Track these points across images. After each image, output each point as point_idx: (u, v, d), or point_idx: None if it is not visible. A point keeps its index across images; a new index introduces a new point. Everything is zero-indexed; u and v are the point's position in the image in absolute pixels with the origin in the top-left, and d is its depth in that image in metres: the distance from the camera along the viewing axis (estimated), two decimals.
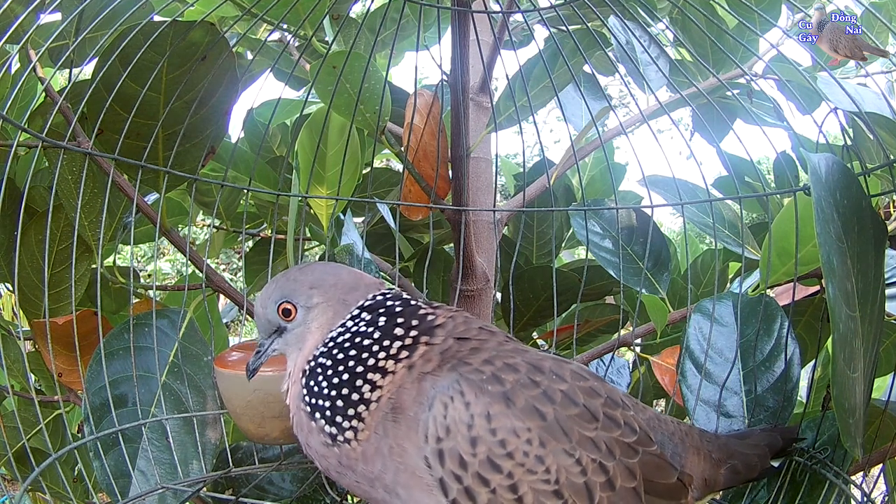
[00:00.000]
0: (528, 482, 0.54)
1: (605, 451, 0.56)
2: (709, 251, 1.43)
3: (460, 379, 0.56)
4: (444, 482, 0.54)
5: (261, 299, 0.66)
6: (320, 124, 1.09)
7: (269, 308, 0.65)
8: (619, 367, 1.19)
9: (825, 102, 0.83)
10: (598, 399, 0.58)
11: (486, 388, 0.55)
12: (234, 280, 4.30)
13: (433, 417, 0.55)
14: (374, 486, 0.58)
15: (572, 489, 0.54)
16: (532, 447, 0.54)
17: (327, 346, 0.61)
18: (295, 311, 0.63)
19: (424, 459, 0.54)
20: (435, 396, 0.55)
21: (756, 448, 0.70)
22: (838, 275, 0.60)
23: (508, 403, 0.55)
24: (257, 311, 0.66)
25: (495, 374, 0.56)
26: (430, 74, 8.07)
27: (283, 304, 0.64)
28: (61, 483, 1.01)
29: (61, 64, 0.90)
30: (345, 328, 0.61)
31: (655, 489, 0.58)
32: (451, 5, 0.83)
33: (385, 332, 0.60)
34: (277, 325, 0.65)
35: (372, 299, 0.62)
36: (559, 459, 0.54)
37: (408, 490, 0.56)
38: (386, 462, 0.56)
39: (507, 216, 1.28)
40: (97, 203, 1.00)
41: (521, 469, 0.54)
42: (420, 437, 0.55)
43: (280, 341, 0.65)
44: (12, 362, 1.09)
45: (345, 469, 0.59)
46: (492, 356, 0.58)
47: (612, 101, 1.16)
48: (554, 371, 0.59)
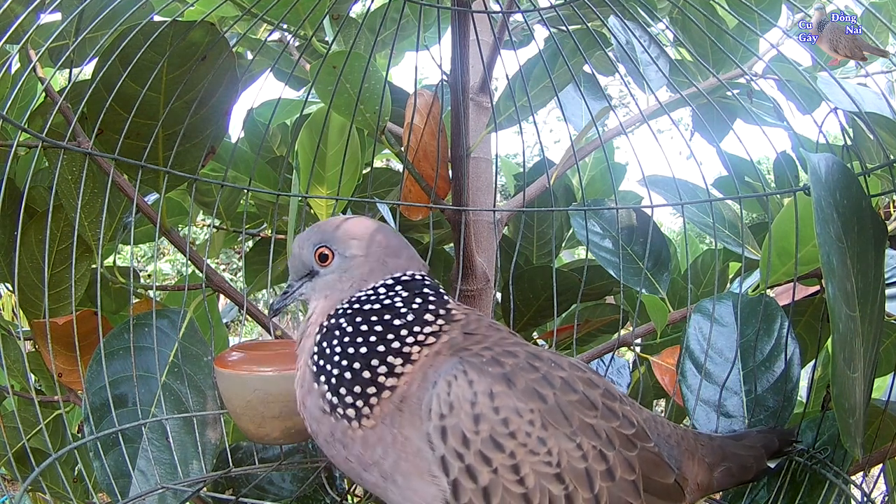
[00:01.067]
0: (531, 463, 0.53)
1: (605, 439, 0.56)
2: (709, 251, 1.43)
3: (462, 361, 0.56)
4: (446, 460, 0.53)
5: (299, 240, 0.65)
6: (320, 124, 1.09)
7: (306, 249, 0.64)
8: (619, 367, 1.19)
9: (825, 102, 0.83)
10: (596, 389, 0.59)
11: (487, 369, 0.55)
12: (234, 280, 4.30)
13: (436, 395, 0.54)
14: (369, 470, 0.57)
15: (573, 474, 0.54)
16: (534, 428, 0.54)
17: (352, 308, 0.60)
18: (332, 256, 0.62)
19: (427, 437, 0.54)
20: (438, 377, 0.55)
21: (752, 450, 0.70)
22: (838, 275, 0.60)
23: (510, 384, 0.55)
24: (294, 252, 0.65)
25: (495, 358, 0.56)
26: (430, 74, 8.08)
27: (321, 248, 0.63)
28: (61, 483, 1.01)
29: (61, 64, 0.90)
30: (375, 295, 0.60)
31: (654, 488, 0.58)
32: (451, 5, 0.83)
33: (418, 317, 0.59)
34: (311, 268, 0.64)
35: (411, 277, 0.62)
36: (561, 443, 0.54)
37: (406, 478, 0.55)
38: (387, 450, 0.55)
39: (507, 216, 1.28)
40: (97, 203, 1.00)
41: (523, 449, 0.53)
42: (423, 415, 0.54)
43: (309, 286, 0.64)
44: (12, 362, 1.09)
45: (335, 442, 0.58)
46: (491, 344, 0.58)
47: (612, 101, 1.16)
48: (552, 359, 0.59)
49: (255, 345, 0.83)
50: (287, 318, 3.66)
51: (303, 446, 0.93)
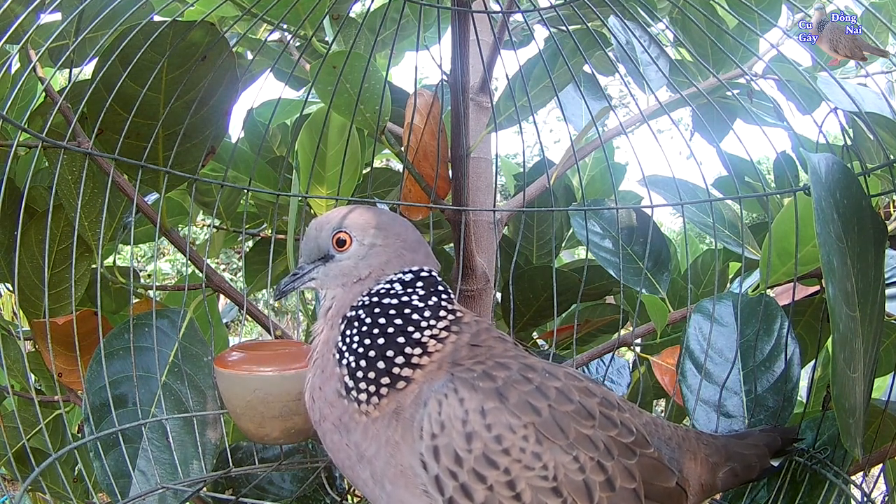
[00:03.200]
0: (526, 478, 0.53)
1: (602, 449, 0.56)
2: (709, 251, 1.43)
3: (453, 378, 0.56)
4: (440, 479, 0.53)
5: (317, 222, 0.64)
6: (320, 124, 1.09)
7: (325, 232, 0.63)
8: (619, 367, 1.19)
9: (825, 102, 0.83)
10: (593, 398, 0.58)
11: (478, 384, 0.55)
12: (234, 280, 4.30)
13: (428, 415, 0.54)
14: (362, 464, 0.57)
15: (571, 487, 0.54)
16: (528, 443, 0.54)
17: (371, 301, 0.60)
18: (350, 242, 0.62)
19: (420, 457, 0.54)
20: (430, 395, 0.55)
21: (755, 448, 0.69)
22: (838, 275, 0.60)
23: (502, 399, 0.54)
24: (309, 233, 0.64)
25: (486, 372, 0.56)
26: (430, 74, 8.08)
27: (339, 233, 0.62)
28: (61, 483, 1.01)
29: (61, 64, 0.90)
30: (393, 291, 0.60)
31: (655, 492, 0.58)
32: (451, 5, 0.83)
33: (433, 313, 0.59)
34: (326, 252, 0.63)
35: (429, 273, 0.62)
36: (556, 456, 0.54)
37: (394, 486, 0.55)
38: (380, 450, 0.56)
39: (507, 216, 1.28)
40: (97, 203, 1.00)
41: (518, 465, 0.53)
42: (415, 435, 0.55)
43: (322, 270, 0.63)
44: (12, 362, 1.09)
45: (342, 426, 0.58)
46: (484, 357, 0.58)
47: (612, 101, 1.16)
48: (547, 370, 0.59)
49: (255, 345, 0.83)
50: (287, 318, 3.65)
51: (303, 446, 0.93)
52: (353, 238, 0.62)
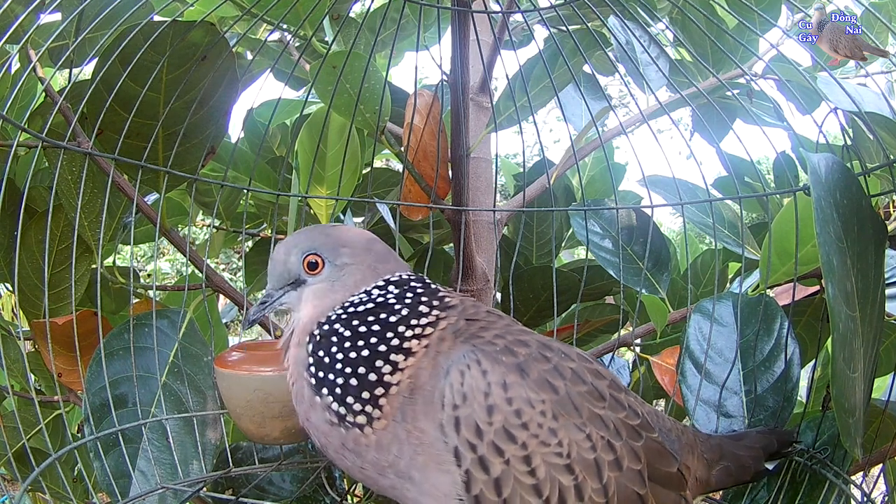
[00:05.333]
0: (542, 454, 0.53)
1: (612, 429, 0.56)
2: (709, 251, 1.43)
3: (475, 349, 0.55)
4: (459, 451, 0.53)
5: (284, 246, 0.62)
6: (320, 124, 1.09)
7: (293, 257, 0.61)
8: (619, 368, 1.19)
9: (825, 102, 0.83)
10: (603, 381, 0.59)
11: (501, 358, 0.55)
12: (234, 280, 4.30)
13: (450, 385, 0.54)
14: (384, 474, 0.56)
15: (583, 465, 0.54)
16: (546, 419, 0.54)
17: (347, 313, 0.58)
18: (322, 265, 0.60)
19: (440, 427, 0.53)
20: (451, 366, 0.54)
21: (750, 450, 0.70)
22: (838, 275, 0.60)
23: (523, 374, 0.54)
24: (276, 258, 0.62)
25: (508, 347, 0.56)
26: (430, 74, 8.07)
27: (310, 256, 0.60)
28: (61, 483, 1.01)
29: (61, 64, 0.90)
30: (368, 297, 0.58)
31: (658, 476, 0.58)
32: (451, 5, 0.83)
33: (412, 310, 0.58)
34: (297, 276, 0.61)
35: (398, 277, 0.61)
36: (571, 434, 0.54)
37: (423, 472, 0.54)
38: (402, 447, 0.55)
39: (507, 216, 1.28)
40: (97, 203, 1.00)
41: (535, 440, 0.53)
42: (437, 406, 0.54)
43: (293, 295, 0.61)
44: (12, 362, 1.09)
45: (348, 452, 0.56)
46: (502, 332, 0.58)
47: (612, 101, 1.16)
48: (562, 350, 0.59)
49: (255, 345, 0.83)
50: (287, 318, 3.65)
51: (303, 446, 0.93)
52: (324, 260, 0.60)
